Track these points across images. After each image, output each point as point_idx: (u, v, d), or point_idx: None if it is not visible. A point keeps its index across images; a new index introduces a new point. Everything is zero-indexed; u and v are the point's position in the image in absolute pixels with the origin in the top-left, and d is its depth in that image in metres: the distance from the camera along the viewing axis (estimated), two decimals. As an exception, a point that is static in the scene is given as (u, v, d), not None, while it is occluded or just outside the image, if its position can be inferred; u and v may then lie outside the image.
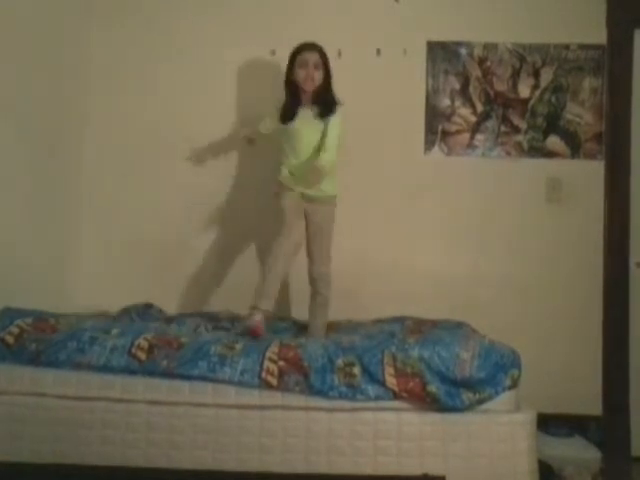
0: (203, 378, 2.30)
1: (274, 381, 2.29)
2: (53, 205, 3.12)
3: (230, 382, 2.30)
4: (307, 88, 2.88)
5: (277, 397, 2.31)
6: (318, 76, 2.87)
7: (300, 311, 3.10)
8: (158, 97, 3.38)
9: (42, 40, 2.94)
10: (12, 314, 2.49)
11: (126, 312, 3.02)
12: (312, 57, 2.86)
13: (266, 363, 2.31)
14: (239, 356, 2.34)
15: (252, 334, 2.52)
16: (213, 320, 2.98)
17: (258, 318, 2.57)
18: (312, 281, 2.92)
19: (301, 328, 3.00)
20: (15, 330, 2.41)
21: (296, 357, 2.33)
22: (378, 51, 3.38)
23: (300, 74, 2.87)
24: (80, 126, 3.34)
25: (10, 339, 2.38)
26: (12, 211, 2.75)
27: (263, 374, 2.29)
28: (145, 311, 3.06)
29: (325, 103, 2.89)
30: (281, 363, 2.31)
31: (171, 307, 3.25)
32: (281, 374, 2.29)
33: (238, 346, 2.39)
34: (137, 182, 3.36)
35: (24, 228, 2.86)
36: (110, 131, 3.38)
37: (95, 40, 3.37)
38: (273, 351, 2.36)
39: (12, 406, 2.30)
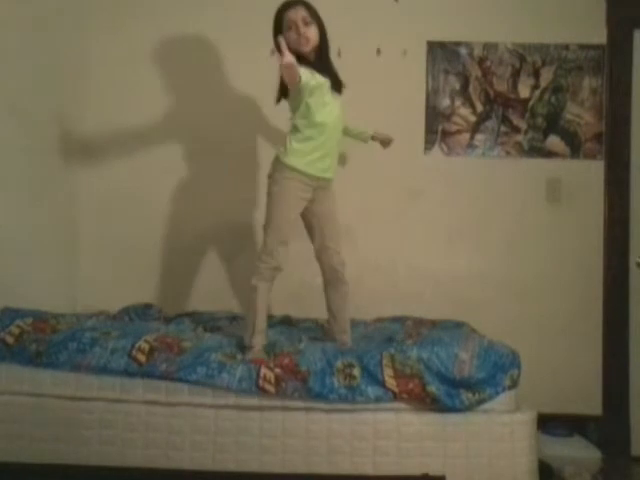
0: (201, 384, 2.30)
1: (272, 388, 2.28)
2: (53, 205, 3.12)
3: (228, 389, 2.29)
4: (304, 50, 2.50)
5: (276, 398, 2.30)
6: (312, 33, 2.50)
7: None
8: (157, 97, 3.38)
9: (42, 40, 2.95)
10: (12, 314, 2.49)
11: (125, 312, 3.02)
12: (299, 13, 2.48)
13: (263, 370, 2.30)
14: (238, 363, 2.34)
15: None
16: (211, 320, 2.98)
17: (257, 350, 2.44)
18: (333, 272, 2.64)
19: (301, 324, 3.00)
20: (15, 330, 2.41)
21: (291, 363, 2.32)
22: (378, 51, 3.38)
23: (292, 37, 2.47)
24: (80, 127, 3.34)
25: (10, 339, 2.39)
26: (12, 211, 2.75)
27: (260, 382, 2.28)
28: (144, 311, 3.06)
29: (336, 77, 2.59)
30: (277, 370, 2.30)
31: (170, 307, 3.24)
32: (278, 381, 2.28)
33: (239, 357, 2.39)
34: (136, 182, 3.35)
35: (24, 228, 2.85)
36: (110, 132, 3.37)
37: (95, 41, 3.36)
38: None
39: (11, 406, 2.31)
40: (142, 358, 2.33)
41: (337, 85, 2.62)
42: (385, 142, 3.02)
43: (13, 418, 2.30)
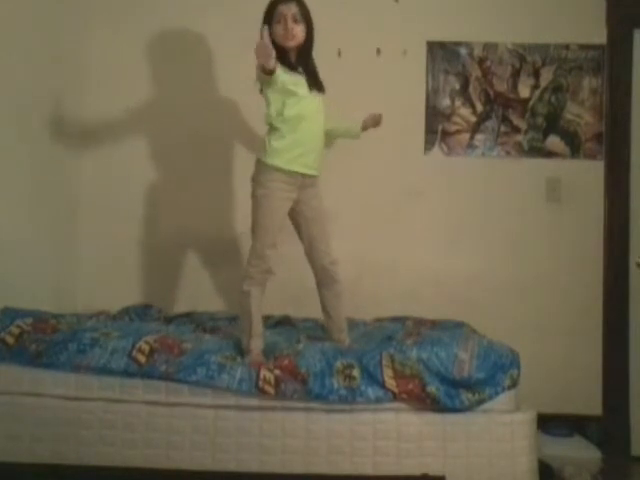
0: (201, 385, 2.30)
1: (271, 390, 2.28)
2: (53, 205, 3.12)
3: (228, 390, 2.29)
4: (288, 45, 2.50)
5: (276, 399, 2.30)
6: (298, 31, 2.50)
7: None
8: (157, 96, 3.38)
9: (42, 38, 2.95)
10: (12, 314, 2.49)
11: (125, 312, 3.02)
12: (290, 9, 2.48)
13: (262, 372, 2.30)
14: (238, 365, 2.34)
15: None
16: (211, 320, 2.98)
17: (256, 353, 2.43)
18: (325, 272, 2.61)
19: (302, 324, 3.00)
20: (15, 330, 2.41)
21: (291, 365, 2.32)
22: (378, 51, 3.38)
23: (278, 30, 2.48)
24: (79, 127, 3.33)
25: (10, 339, 2.38)
26: (12, 211, 2.75)
27: (260, 383, 2.28)
28: (144, 311, 3.06)
29: (314, 76, 2.56)
30: (277, 372, 2.30)
31: (170, 307, 3.25)
32: (278, 383, 2.28)
33: (239, 359, 2.38)
34: (136, 181, 3.35)
35: (24, 228, 2.85)
36: (109, 132, 3.37)
37: (95, 36, 3.36)
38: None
39: (11, 406, 2.31)
40: (142, 359, 2.33)
41: (318, 86, 2.58)
42: (376, 122, 2.71)
43: (13, 418, 2.30)
